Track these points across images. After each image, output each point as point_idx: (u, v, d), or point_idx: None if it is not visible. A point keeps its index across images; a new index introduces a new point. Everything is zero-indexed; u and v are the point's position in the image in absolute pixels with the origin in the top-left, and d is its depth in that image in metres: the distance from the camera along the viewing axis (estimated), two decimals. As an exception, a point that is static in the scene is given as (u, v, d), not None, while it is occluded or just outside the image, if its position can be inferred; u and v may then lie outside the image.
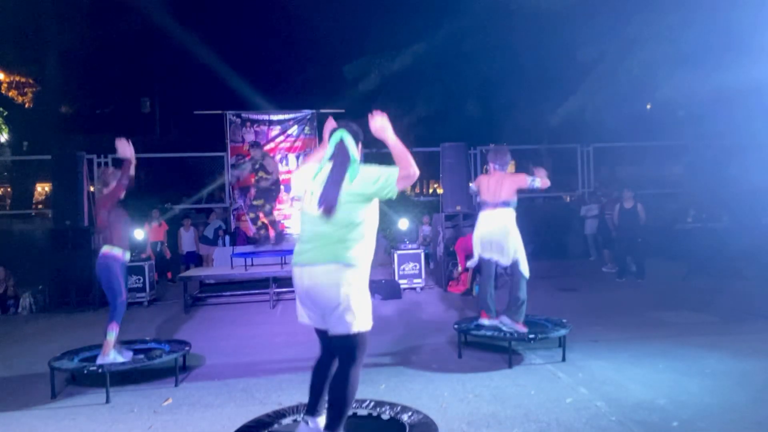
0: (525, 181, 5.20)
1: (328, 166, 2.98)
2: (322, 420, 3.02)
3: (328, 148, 3.02)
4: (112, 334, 4.65)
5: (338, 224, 2.87)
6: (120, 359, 4.63)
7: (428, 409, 3.71)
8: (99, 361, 4.59)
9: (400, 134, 2.93)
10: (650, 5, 8.29)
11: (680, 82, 7.79)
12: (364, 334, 2.89)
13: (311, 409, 3.10)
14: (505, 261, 5.23)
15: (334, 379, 2.95)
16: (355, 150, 2.97)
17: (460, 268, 8.85)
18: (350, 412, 3.12)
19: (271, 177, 8.37)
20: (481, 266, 5.46)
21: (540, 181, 5.12)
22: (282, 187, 8.82)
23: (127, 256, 4.94)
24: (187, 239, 11.19)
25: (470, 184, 5.38)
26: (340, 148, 2.98)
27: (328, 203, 2.86)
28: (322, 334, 3.04)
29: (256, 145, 9.36)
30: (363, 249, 2.91)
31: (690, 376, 4.34)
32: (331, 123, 3.16)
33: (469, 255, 8.68)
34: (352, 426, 3.22)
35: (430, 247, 10.35)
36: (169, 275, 11.03)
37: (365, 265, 2.94)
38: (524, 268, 5.17)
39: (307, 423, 3.09)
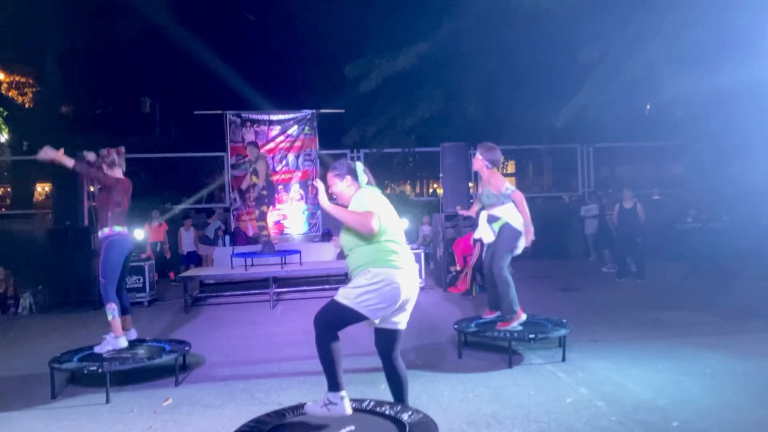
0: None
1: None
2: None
3: (364, 177, 3.34)
4: (108, 313, 4.79)
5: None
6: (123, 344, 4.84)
7: (428, 409, 3.70)
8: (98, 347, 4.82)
9: (400, 134, 2.98)
10: (651, 5, 8.27)
11: (680, 82, 7.77)
12: None
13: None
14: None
15: (401, 369, 3.44)
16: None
17: (458, 267, 8.85)
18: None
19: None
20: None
21: None
22: (280, 187, 8.84)
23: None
24: (188, 239, 11.19)
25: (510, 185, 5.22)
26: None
27: None
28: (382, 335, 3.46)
29: (253, 144, 9.37)
30: None
31: (690, 376, 4.35)
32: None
33: (467, 255, 8.74)
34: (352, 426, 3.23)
35: (430, 247, 10.35)
36: (172, 275, 11.04)
37: None
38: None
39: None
